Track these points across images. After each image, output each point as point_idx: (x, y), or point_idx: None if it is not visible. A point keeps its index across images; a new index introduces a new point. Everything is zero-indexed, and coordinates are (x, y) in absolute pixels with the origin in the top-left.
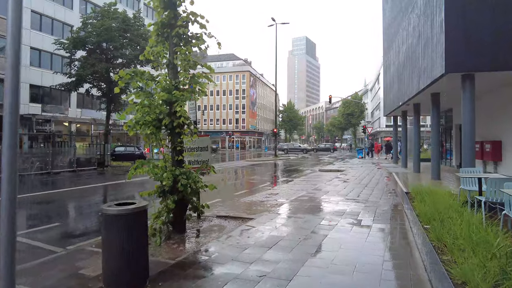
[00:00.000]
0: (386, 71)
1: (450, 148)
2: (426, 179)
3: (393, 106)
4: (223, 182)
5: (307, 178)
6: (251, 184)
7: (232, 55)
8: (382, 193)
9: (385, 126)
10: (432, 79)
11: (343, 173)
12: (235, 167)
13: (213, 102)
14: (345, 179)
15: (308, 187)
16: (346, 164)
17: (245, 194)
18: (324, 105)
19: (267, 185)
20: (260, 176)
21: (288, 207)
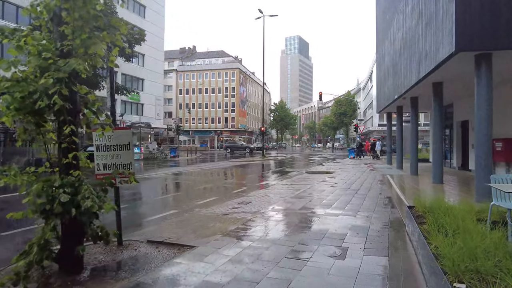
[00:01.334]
0: (380, 64)
1: (450, 148)
2: (427, 184)
3: (387, 101)
4: (191, 187)
5: (290, 181)
6: (225, 189)
7: (221, 52)
8: (375, 203)
9: (378, 125)
10: (437, 62)
11: (331, 175)
12: (216, 168)
13: (201, 100)
14: (333, 183)
15: (288, 194)
16: (336, 165)
17: (210, 203)
18: (317, 105)
19: (242, 191)
20: (238, 179)
21: (252, 226)
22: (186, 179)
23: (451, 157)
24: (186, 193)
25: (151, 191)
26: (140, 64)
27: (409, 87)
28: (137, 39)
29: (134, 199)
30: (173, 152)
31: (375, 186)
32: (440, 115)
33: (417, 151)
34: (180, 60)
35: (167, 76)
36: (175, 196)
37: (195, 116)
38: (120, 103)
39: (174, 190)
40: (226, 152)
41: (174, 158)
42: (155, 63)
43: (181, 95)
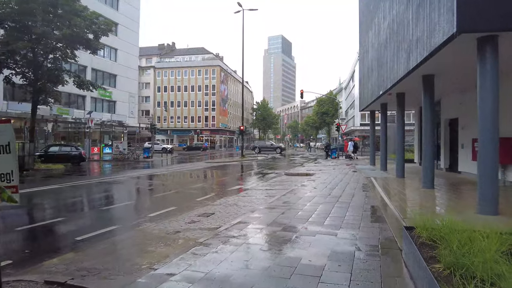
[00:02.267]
0: (363, 59)
1: (437, 147)
2: (416, 189)
3: (371, 98)
4: (151, 194)
5: (266, 186)
6: (189, 196)
7: (202, 49)
8: (360, 214)
9: (360, 125)
10: (431, 48)
11: (311, 178)
12: (189, 171)
13: (180, 98)
14: (312, 187)
15: (260, 202)
16: (317, 166)
17: (165, 216)
18: (299, 104)
19: (208, 198)
20: (209, 184)
21: (201, 254)
22: (150, 183)
23: (438, 158)
24: (142, 201)
25: (100, 199)
26: (112, 59)
27: (396, 80)
28: (104, 29)
29: (74, 210)
30: (147, 152)
31: (359, 191)
32: (431, 111)
33: (403, 152)
34: (158, 57)
35: (145, 73)
36: (127, 205)
37: (173, 114)
38: (90, 100)
39: (128, 198)
40: (255, 152)
41: (148, 159)
42: (129, 59)
43: (159, 93)
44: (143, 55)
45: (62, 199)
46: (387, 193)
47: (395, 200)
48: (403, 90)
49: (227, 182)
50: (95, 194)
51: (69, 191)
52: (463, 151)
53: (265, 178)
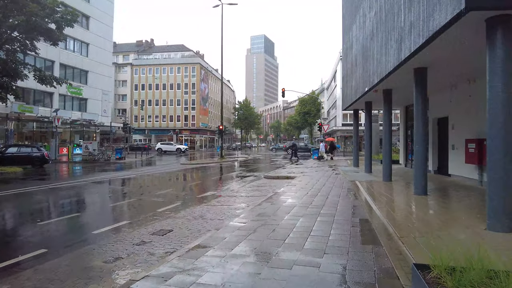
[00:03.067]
0: (346, 56)
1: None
2: (408, 196)
3: (355, 95)
4: (107, 202)
5: (241, 191)
6: (151, 205)
7: (181, 46)
8: (348, 232)
9: (342, 125)
10: (430, 33)
11: (292, 182)
12: (160, 173)
13: (158, 97)
14: (292, 194)
15: (229, 215)
16: (298, 168)
17: (112, 233)
18: (282, 104)
19: (172, 208)
20: (177, 189)
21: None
22: (111, 189)
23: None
24: (91, 213)
25: (42, 210)
26: (83, 54)
27: (384, 75)
28: (68, 20)
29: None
30: (119, 153)
31: (344, 199)
32: (423, 108)
33: (390, 153)
34: (136, 54)
35: (122, 71)
36: (70, 219)
37: (151, 113)
38: (58, 98)
39: (77, 209)
40: (287, 153)
41: (120, 160)
42: (103, 54)
43: (137, 91)
44: (120, 51)
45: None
46: (375, 201)
47: (386, 210)
48: (390, 86)
49: (199, 187)
50: (38, 203)
51: (7, 200)
52: (454, 153)
53: (243, 182)
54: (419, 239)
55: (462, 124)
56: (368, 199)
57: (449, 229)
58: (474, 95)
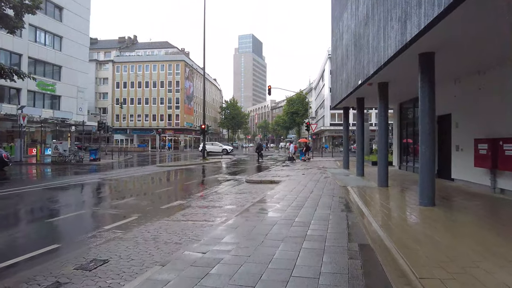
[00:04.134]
0: (336, 47)
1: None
2: (412, 207)
3: (346, 91)
4: (44, 217)
5: (214, 201)
6: (99, 219)
7: (165, 43)
8: (345, 268)
9: (330, 125)
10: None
11: (276, 188)
12: (130, 178)
13: (141, 95)
14: (274, 206)
15: (191, 236)
16: (284, 170)
17: (38, 261)
18: (270, 104)
19: (123, 225)
20: (140, 198)
21: None
22: (60, 198)
23: None
24: (12, 233)
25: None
26: (56, 48)
27: (383, 62)
28: (29, 6)
29: None
30: (93, 154)
31: (336, 212)
32: (431, 101)
33: (387, 155)
34: (118, 50)
35: (103, 68)
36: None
37: (133, 112)
38: (27, 94)
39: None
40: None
41: (95, 161)
42: (78, 49)
43: (118, 89)
44: (101, 48)
45: None
46: (375, 216)
47: (391, 230)
48: (387, 78)
49: (167, 194)
50: None
51: None
52: (459, 155)
53: (220, 187)
54: (450, 284)
55: (470, 122)
56: (366, 213)
57: (485, 262)
58: (485, 88)
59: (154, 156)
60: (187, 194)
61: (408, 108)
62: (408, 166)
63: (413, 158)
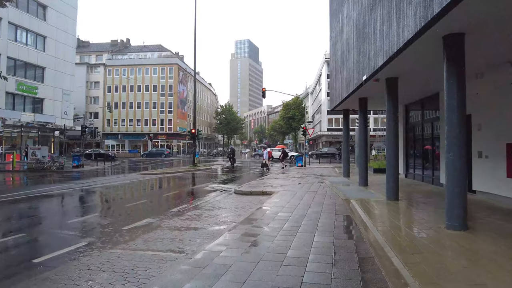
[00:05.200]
0: (335, 43)
1: (433, 155)
2: (437, 230)
3: (347, 90)
4: None
5: (192, 219)
6: (13, 256)
7: (159, 46)
8: None
9: (327, 130)
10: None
11: (267, 202)
12: (106, 188)
13: (133, 99)
14: (262, 226)
15: (142, 277)
16: (278, 179)
17: None
18: (266, 109)
19: (49, 261)
20: (106, 213)
21: None
22: (10, 213)
23: (434, 169)
24: None
25: None
26: (39, 48)
27: (397, 49)
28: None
29: None
30: (76, 160)
31: (343, 242)
32: (461, 96)
33: (397, 162)
34: (109, 53)
35: (94, 71)
36: None
37: (125, 117)
38: (5, 96)
39: None
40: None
41: (77, 168)
42: (64, 50)
43: (110, 93)
44: (93, 51)
45: None
46: (395, 247)
47: (424, 275)
48: (397, 72)
49: (138, 210)
50: None
51: None
52: (482, 162)
53: (204, 199)
54: None
55: (498, 123)
56: (381, 242)
57: None
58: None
59: (143, 163)
60: (161, 210)
61: (415, 110)
62: (416, 174)
63: (421, 165)
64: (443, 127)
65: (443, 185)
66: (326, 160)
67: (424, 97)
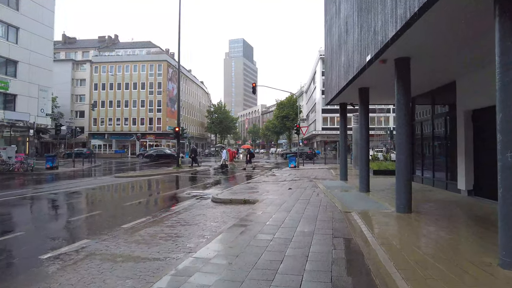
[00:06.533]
0: (331, 28)
1: (446, 154)
2: (490, 270)
3: (345, 77)
4: None
5: (130, 247)
6: None
7: (148, 43)
8: None
9: (322, 129)
10: None
11: (248, 213)
12: (66, 193)
13: (120, 97)
14: (229, 259)
15: None
16: (268, 182)
17: None
18: (261, 109)
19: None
20: (33, 229)
21: None
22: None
23: (448, 172)
24: None
25: None
26: (11, 40)
27: (419, 6)
28: None
29: None
30: (50, 161)
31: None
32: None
33: (410, 167)
34: (96, 50)
35: (80, 68)
36: None
37: (112, 116)
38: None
39: None
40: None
41: (51, 169)
42: (40, 43)
43: (96, 91)
44: (79, 47)
45: None
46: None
47: None
48: (409, 51)
49: (80, 225)
50: None
51: None
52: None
53: (172, 209)
54: None
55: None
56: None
57: None
58: None
59: (125, 164)
60: (111, 225)
61: (423, 105)
62: (425, 178)
63: (432, 167)
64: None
65: (461, 192)
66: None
67: (436, 87)
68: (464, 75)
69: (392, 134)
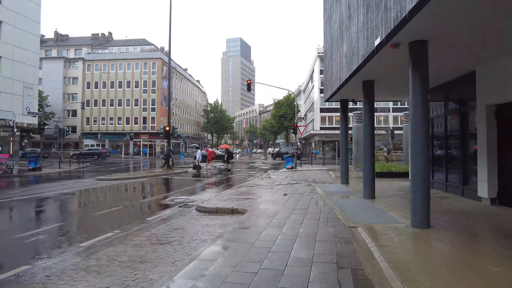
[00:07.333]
0: (331, 15)
1: (462, 155)
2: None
3: (348, 69)
4: None
5: (80, 274)
6: None
7: (143, 40)
8: None
9: (320, 129)
10: None
11: (231, 230)
12: (36, 199)
13: (113, 96)
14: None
15: None
16: (261, 187)
17: None
18: (258, 108)
19: None
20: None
21: None
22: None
23: (465, 176)
24: None
25: None
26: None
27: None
28: None
29: None
30: (33, 162)
31: None
32: None
33: (429, 170)
34: (89, 48)
35: (72, 66)
36: None
37: (105, 115)
38: None
39: None
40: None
41: (34, 171)
42: (25, 38)
43: (89, 89)
44: (72, 45)
45: None
46: None
47: None
48: (427, 33)
49: (43, 240)
50: None
51: None
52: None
53: (147, 222)
54: None
55: None
56: None
57: None
58: None
59: (115, 164)
60: (66, 244)
61: (434, 101)
62: (436, 182)
63: (445, 170)
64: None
65: (482, 200)
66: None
67: (450, 79)
68: (487, 64)
69: (393, 133)
